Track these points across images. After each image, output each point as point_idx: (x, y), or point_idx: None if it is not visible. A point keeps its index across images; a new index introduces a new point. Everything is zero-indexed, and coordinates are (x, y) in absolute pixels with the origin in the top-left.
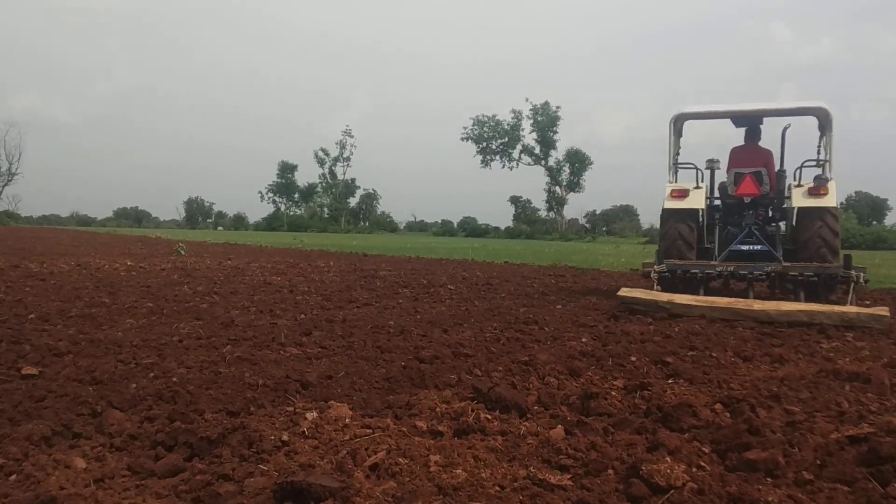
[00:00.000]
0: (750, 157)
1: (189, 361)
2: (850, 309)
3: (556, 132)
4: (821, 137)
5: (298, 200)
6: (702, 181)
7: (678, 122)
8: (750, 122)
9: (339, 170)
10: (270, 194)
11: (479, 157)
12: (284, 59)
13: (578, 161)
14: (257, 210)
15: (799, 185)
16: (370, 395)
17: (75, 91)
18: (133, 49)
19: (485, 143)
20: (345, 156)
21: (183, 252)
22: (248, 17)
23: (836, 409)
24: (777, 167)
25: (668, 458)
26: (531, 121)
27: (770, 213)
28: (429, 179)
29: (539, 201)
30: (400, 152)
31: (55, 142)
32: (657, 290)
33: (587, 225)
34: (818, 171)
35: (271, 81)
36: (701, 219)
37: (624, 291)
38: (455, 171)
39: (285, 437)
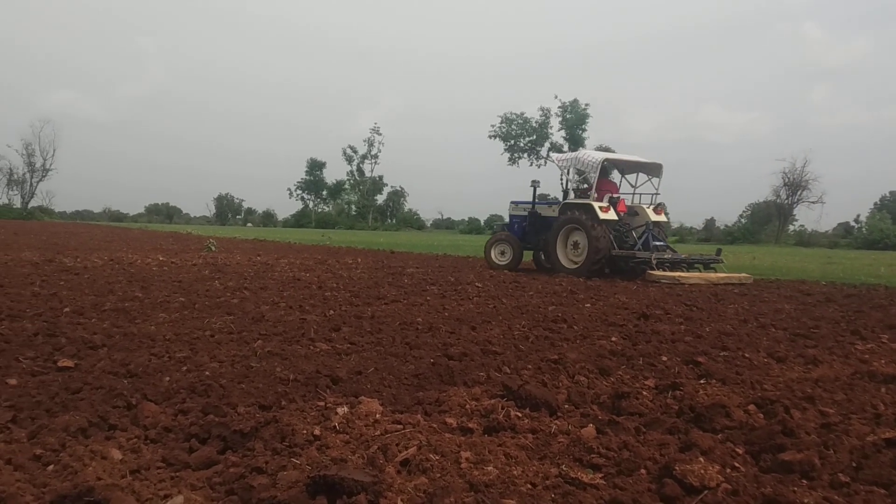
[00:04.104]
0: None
1: (221, 356)
2: (722, 275)
3: (584, 130)
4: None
5: (326, 197)
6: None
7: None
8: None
9: (366, 167)
10: (299, 191)
11: (507, 155)
12: (313, 61)
13: None
14: (286, 207)
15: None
16: (400, 391)
17: (109, 89)
18: (166, 49)
19: (513, 141)
20: (373, 153)
21: (213, 248)
22: (276, 21)
23: (872, 412)
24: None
25: (701, 459)
26: (560, 118)
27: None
28: (456, 177)
29: None
30: (427, 150)
31: (89, 139)
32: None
33: None
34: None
35: (301, 82)
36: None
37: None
38: (482, 168)
39: (317, 432)
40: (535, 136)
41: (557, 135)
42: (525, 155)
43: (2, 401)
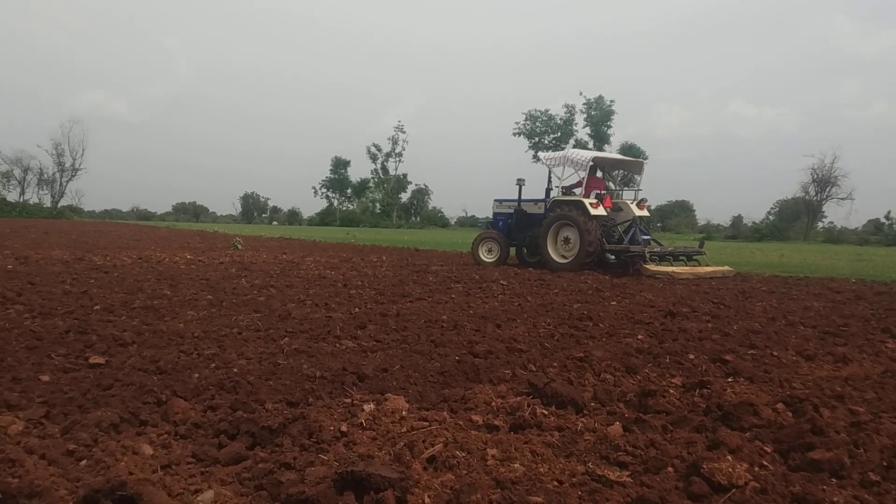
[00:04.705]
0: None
1: (249, 353)
2: (709, 268)
3: (609, 126)
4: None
5: (351, 196)
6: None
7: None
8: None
9: (391, 165)
10: (324, 190)
11: (531, 153)
12: (338, 60)
13: (633, 156)
14: (311, 205)
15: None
16: (425, 389)
17: (137, 89)
18: (192, 49)
19: (537, 138)
20: (397, 151)
21: (240, 246)
22: (300, 20)
23: None
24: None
25: (729, 457)
26: (584, 115)
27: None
28: (480, 175)
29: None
30: (451, 148)
31: (117, 138)
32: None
33: None
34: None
35: (325, 81)
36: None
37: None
38: (506, 166)
39: (344, 428)
40: (559, 134)
41: (582, 132)
42: (549, 152)
43: (35, 397)
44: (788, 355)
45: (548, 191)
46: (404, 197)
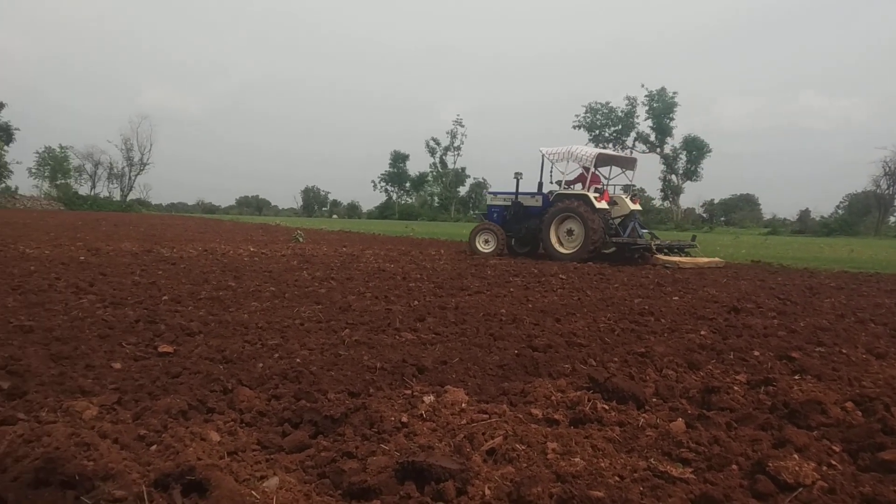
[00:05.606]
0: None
1: (311, 343)
2: (704, 259)
3: (672, 119)
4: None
5: (409, 189)
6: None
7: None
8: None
9: (449, 159)
10: (383, 183)
11: (591, 146)
12: (399, 53)
13: (696, 148)
14: (370, 199)
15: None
16: (484, 382)
17: (202, 84)
18: (256, 44)
19: (597, 131)
20: (455, 145)
21: (301, 239)
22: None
23: None
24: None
25: (795, 456)
26: (646, 107)
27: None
28: (538, 169)
29: (653, 190)
30: (509, 142)
31: (183, 133)
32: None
33: (704, 215)
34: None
35: (386, 89)
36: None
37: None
38: None
39: (404, 419)
40: (620, 126)
41: (644, 124)
42: (610, 145)
43: (108, 383)
44: (858, 353)
45: (540, 184)
46: (462, 191)
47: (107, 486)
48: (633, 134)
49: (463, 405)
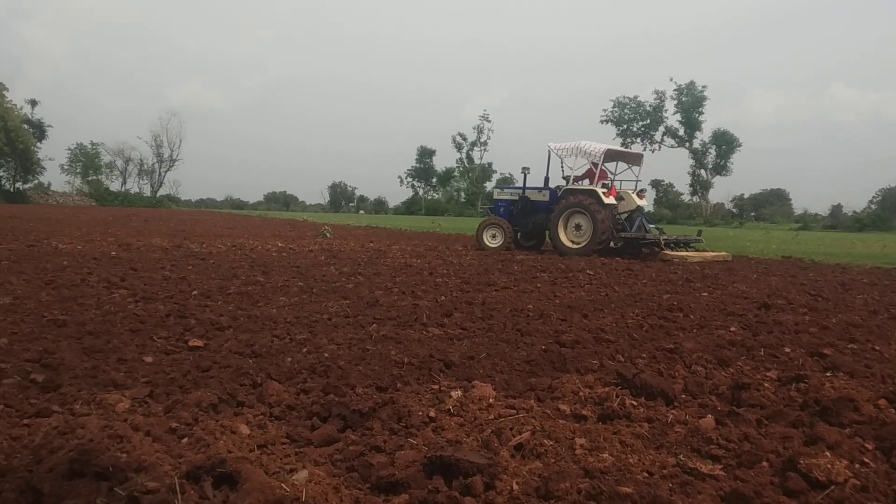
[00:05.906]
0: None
1: (338, 338)
2: (711, 253)
3: (701, 113)
4: (638, 167)
5: (436, 185)
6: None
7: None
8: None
9: (475, 154)
10: (409, 179)
11: (619, 140)
12: (428, 49)
13: (726, 143)
14: (397, 194)
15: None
16: (512, 377)
17: (230, 81)
18: (284, 42)
19: (625, 126)
20: (482, 140)
21: (328, 234)
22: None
23: None
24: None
25: (827, 453)
26: (675, 101)
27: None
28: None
29: (682, 185)
30: (535, 137)
31: (211, 130)
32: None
33: (734, 210)
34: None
35: (414, 85)
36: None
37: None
38: None
39: (432, 414)
40: (648, 121)
41: (672, 118)
42: (638, 140)
43: (140, 376)
44: (891, 350)
45: (546, 179)
46: (489, 186)
47: (139, 477)
48: (661, 128)
49: (490, 400)
